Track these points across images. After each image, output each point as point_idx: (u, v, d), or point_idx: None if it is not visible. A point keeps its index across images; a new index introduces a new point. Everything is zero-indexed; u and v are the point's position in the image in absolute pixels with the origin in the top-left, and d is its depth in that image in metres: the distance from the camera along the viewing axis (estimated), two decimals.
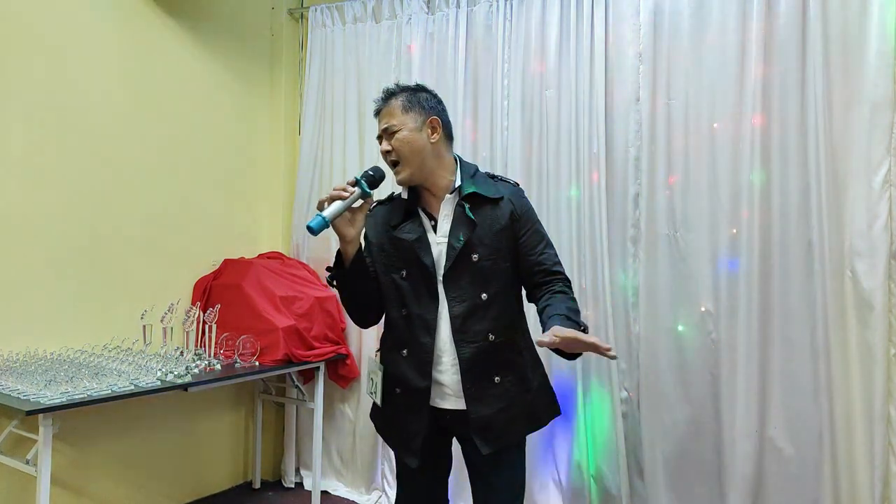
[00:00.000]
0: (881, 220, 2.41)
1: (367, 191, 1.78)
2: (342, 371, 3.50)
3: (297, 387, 3.51)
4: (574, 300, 1.82)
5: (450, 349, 1.81)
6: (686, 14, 2.78)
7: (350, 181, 1.78)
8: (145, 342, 2.90)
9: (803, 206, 2.55)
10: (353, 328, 3.52)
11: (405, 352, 1.86)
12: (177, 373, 2.67)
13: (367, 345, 3.48)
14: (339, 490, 3.57)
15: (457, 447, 1.96)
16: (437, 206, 1.87)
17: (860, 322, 2.44)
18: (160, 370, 2.64)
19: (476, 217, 1.81)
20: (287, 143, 3.88)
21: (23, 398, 2.29)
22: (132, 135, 3.11)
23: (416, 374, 1.83)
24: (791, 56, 2.58)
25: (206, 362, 2.91)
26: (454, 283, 1.81)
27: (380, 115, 1.87)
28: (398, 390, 1.88)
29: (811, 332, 2.52)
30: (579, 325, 1.68)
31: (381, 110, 1.87)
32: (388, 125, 1.83)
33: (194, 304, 3.22)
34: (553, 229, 2.93)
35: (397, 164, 1.83)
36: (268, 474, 3.75)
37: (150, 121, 3.19)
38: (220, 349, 3.07)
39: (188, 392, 2.79)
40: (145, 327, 2.89)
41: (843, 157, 2.48)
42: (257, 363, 3.06)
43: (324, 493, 3.50)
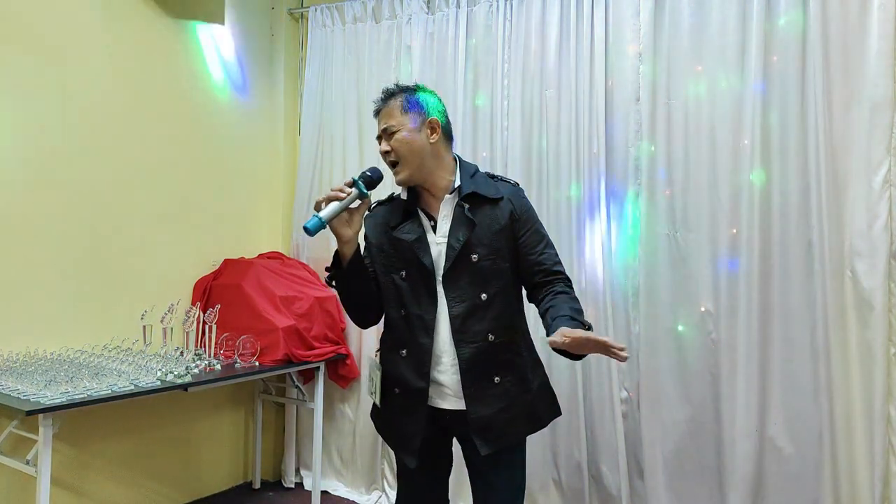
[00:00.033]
0: (881, 220, 2.41)
1: (365, 192, 1.78)
2: (342, 371, 3.50)
3: (297, 387, 3.51)
4: (576, 300, 1.82)
5: (449, 349, 1.81)
6: (686, 14, 2.78)
7: (347, 182, 1.78)
8: (145, 342, 2.90)
9: (803, 206, 2.55)
10: (353, 328, 3.52)
11: (404, 352, 1.86)
12: (177, 373, 2.67)
13: (367, 345, 3.48)
14: (339, 490, 3.57)
15: (457, 447, 1.96)
16: (436, 206, 1.87)
17: (860, 322, 2.44)
18: (160, 370, 2.64)
19: (475, 217, 1.81)
20: (287, 143, 3.88)
21: (23, 398, 2.29)
22: (132, 135, 3.11)
23: (415, 374, 1.83)
24: (791, 56, 2.58)
25: (206, 362, 2.91)
26: (454, 283, 1.81)
27: (379, 115, 1.87)
28: (397, 390, 1.88)
29: (811, 332, 2.52)
30: (583, 324, 1.68)
31: (380, 110, 1.87)
32: (388, 125, 1.83)
33: (194, 304, 3.22)
34: (553, 229, 2.93)
35: (396, 164, 1.83)
36: (268, 474, 3.76)
37: (150, 121, 3.19)
38: (220, 349, 3.06)
39: (188, 392, 2.80)
40: (145, 327, 2.89)
41: (843, 157, 2.48)
42: (257, 363, 3.06)
43: (324, 493, 3.50)
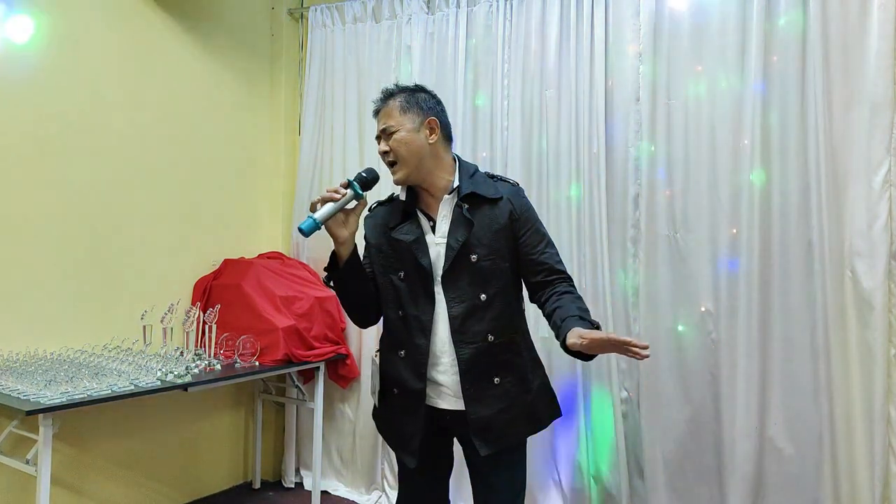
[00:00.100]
0: (881, 220, 2.40)
1: (360, 192, 1.78)
2: (342, 371, 3.50)
3: (297, 387, 3.51)
4: (581, 299, 1.82)
5: (449, 350, 1.81)
6: (686, 14, 2.78)
7: (343, 183, 1.78)
8: (145, 342, 2.90)
9: (803, 206, 2.55)
10: (353, 328, 3.52)
11: (402, 353, 1.86)
12: (177, 373, 2.67)
13: (367, 345, 3.48)
14: (339, 490, 3.57)
15: (458, 447, 1.96)
16: (435, 206, 1.86)
17: (860, 322, 2.43)
18: (160, 370, 2.64)
19: (474, 217, 1.81)
20: (287, 143, 3.88)
21: (23, 398, 2.29)
22: (132, 135, 3.11)
23: (412, 375, 1.83)
24: (791, 56, 2.58)
25: (206, 362, 2.91)
26: (453, 283, 1.80)
27: (378, 115, 1.87)
28: (396, 391, 1.89)
29: (811, 332, 2.52)
30: (592, 324, 1.69)
31: (379, 111, 1.87)
32: (386, 125, 1.83)
33: (194, 304, 3.22)
34: (553, 229, 2.93)
35: (395, 164, 1.83)
36: (268, 474, 3.75)
37: (150, 121, 3.19)
38: (220, 349, 3.06)
39: (188, 392, 2.79)
40: (145, 327, 2.90)
41: (843, 157, 2.47)
42: (257, 363, 3.06)
43: (324, 493, 3.50)
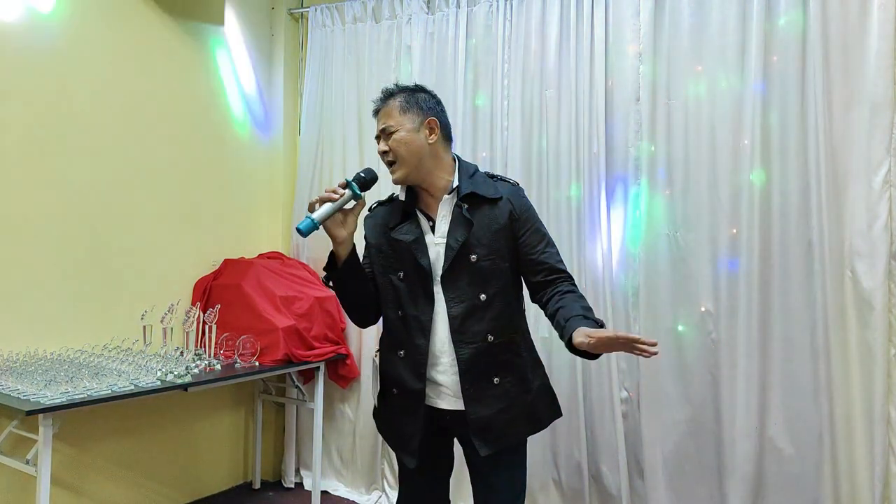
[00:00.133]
0: (881, 220, 2.41)
1: (358, 193, 1.78)
2: (342, 371, 3.50)
3: (297, 387, 3.51)
4: (583, 298, 1.82)
5: (448, 350, 1.81)
6: (686, 14, 2.78)
7: (341, 183, 1.78)
8: (145, 342, 2.90)
9: (803, 206, 2.55)
10: (353, 328, 3.52)
11: (401, 353, 1.86)
12: (177, 373, 2.67)
13: (367, 345, 3.48)
14: (339, 490, 3.57)
15: (458, 448, 1.96)
16: (434, 206, 1.86)
17: (860, 322, 2.44)
18: (160, 370, 2.64)
19: (474, 217, 1.80)
20: (287, 143, 3.88)
21: (23, 398, 2.29)
22: (132, 135, 3.11)
23: (412, 375, 1.83)
24: (791, 56, 2.58)
25: (206, 362, 2.91)
26: (452, 283, 1.80)
27: (378, 115, 1.87)
28: (395, 391, 1.89)
29: (811, 332, 2.52)
30: (596, 322, 1.69)
31: (379, 110, 1.87)
32: (386, 125, 1.83)
33: (194, 304, 3.22)
34: (553, 229, 2.93)
35: (394, 164, 1.83)
36: (268, 474, 3.75)
37: (150, 121, 3.19)
38: (220, 349, 3.06)
39: (188, 392, 2.80)
40: (145, 327, 2.89)
41: (843, 157, 2.48)
42: (257, 363, 3.06)
43: (324, 493, 3.50)
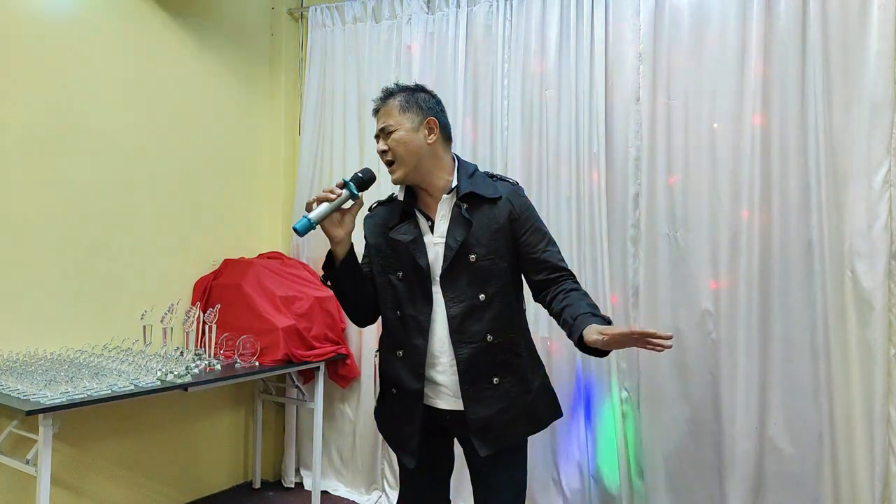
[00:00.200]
0: (881, 220, 2.40)
1: (356, 193, 1.78)
2: (342, 371, 3.50)
3: (297, 387, 3.51)
4: (588, 295, 1.82)
5: (448, 350, 1.81)
6: (686, 14, 2.78)
7: (339, 183, 1.78)
8: (145, 342, 2.90)
9: (803, 206, 2.55)
10: (353, 328, 3.52)
11: (400, 353, 1.86)
12: (177, 373, 2.67)
13: (367, 345, 3.48)
14: (339, 490, 3.57)
15: (458, 447, 1.96)
16: (434, 206, 1.86)
17: (860, 322, 2.43)
18: (160, 370, 2.64)
19: (473, 217, 1.80)
20: (287, 143, 3.88)
21: (23, 398, 2.29)
22: (132, 135, 3.11)
23: (410, 375, 1.83)
24: (791, 56, 2.58)
25: (206, 362, 2.91)
26: (452, 283, 1.80)
27: (378, 114, 1.87)
28: (394, 391, 1.89)
29: (811, 332, 2.52)
30: (604, 319, 1.69)
31: (379, 109, 1.87)
32: (385, 125, 1.83)
33: (194, 304, 3.22)
34: (553, 229, 2.91)
35: (392, 163, 1.83)
36: (268, 474, 3.75)
37: (150, 121, 3.19)
38: (220, 349, 3.06)
39: (188, 392, 2.80)
40: (145, 327, 2.90)
41: (843, 157, 2.47)
42: (257, 363, 3.06)
43: (324, 493, 3.50)
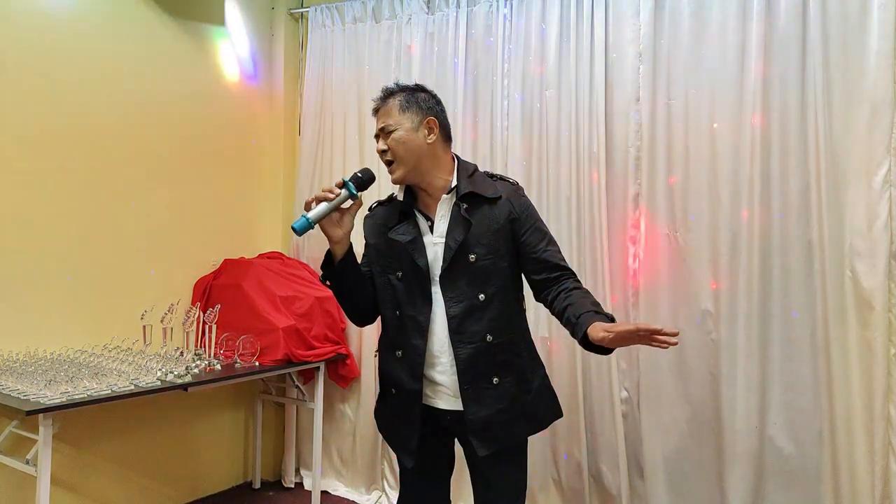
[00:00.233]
0: (881, 220, 2.40)
1: (354, 192, 1.78)
2: (342, 371, 3.50)
3: (297, 387, 3.51)
4: (590, 293, 1.82)
5: (448, 350, 1.81)
6: (686, 14, 2.78)
7: (338, 182, 1.78)
8: (145, 342, 2.90)
9: (803, 206, 2.55)
10: (353, 328, 3.52)
11: (399, 353, 1.86)
12: (177, 373, 2.67)
13: (367, 345, 3.48)
14: (339, 490, 3.57)
15: (459, 448, 1.96)
16: (433, 206, 1.86)
17: (860, 322, 2.43)
18: (160, 370, 2.64)
19: (473, 217, 1.80)
20: (287, 143, 3.88)
21: (23, 398, 2.29)
22: (132, 135, 3.11)
23: (409, 375, 1.83)
24: (791, 56, 2.58)
25: (206, 362, 2.91)
26: (451, 283, 1.80)
27: (377, 113, 1.87)
28: (394, 391, 1.89)
29: (811, 332, 2.52)
30: (608, 317, 1.69)
31: (378, 109, 1.87)
32: (385, 124, 1.83)
33: (194, 304, 3.22)
34: (553, 229, 2.88)
35: (392, 163, 1.83)
36: (268, 474, 3.75)
37: (150, 121, 3.19)
38: (220, 349, 3.06)
39: (188, 392, 2.80)
40: (145, 327, 2.89)
41: (843, 157, 2.47)
42: (257, 363, 3.06)
43: (324, 493, 3.50)
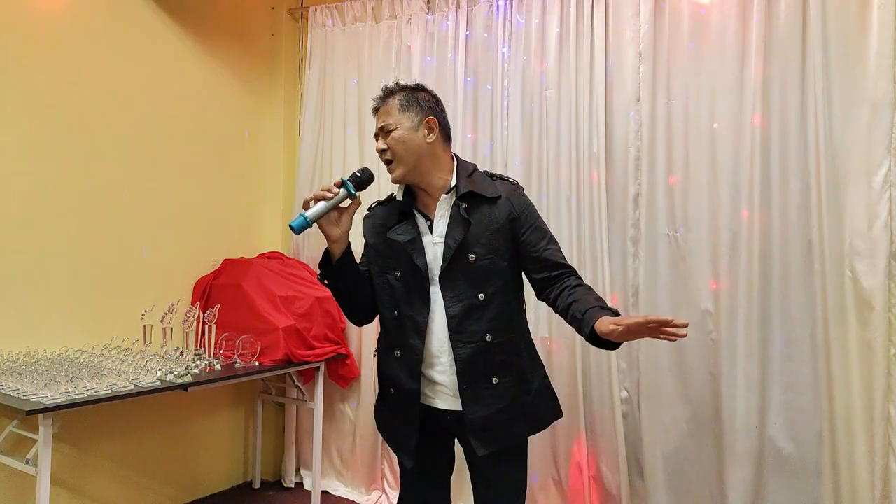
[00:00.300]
0: (881, 220, 2.40)
1: (353, 192, 1.78)
2: (342, 371, 3.50)
3: (297, 387, 3.51)
4: (593, 290, 1.82)
5: (447, 350, 1.81)
6: (686, 14, 2.78)
7: (336, 182, 1.78)
8: (145, 342, 2.90)
9: (803, 206, 2.55)
10: (353, 328, 3.52)
11: (398, 353, 1.86)
12: (177, 373, 2.67)
13: (367, 345, 3.48)
14: (339, 490, 3.57)
15: (459, 448, 1.96)
16: (433, 206, 1.86)
17: (860, 322, 2.43)
18: (160, 370, 2.64)
19: (473, 217, 1.80)
20: (287, 143, 3.88)
21: (23, 398, 2.29)
22: (131, 135, 3.11)
23: (407, 375, 1.84)
24: (791, 56, 2.58)
25: (206, 362, 2.91)
26: (451, 283, 1.80)
27: (377, 113, 1.87)
28: (392, 391, 1.89)
29: (811, 332, 2.52)
30: (613, 312, 1.70)
31: (378, 108, 1.87)
32: (385, 123, 1.83)
33: (194, 304, 3.22)
34: (553, 229, 2.87)
35: (391, 162, 1.83)
36: (268, 474, 3.75)
37: (150, 121, 3.19)
38: (220, 349, 3.06)
39: (188, 392, 2.79)
40: (145, 327, 2.90)
41: (843, 157, 2.47)
42: (257, 363, 3.06)
43: (324, 493, 3.50)
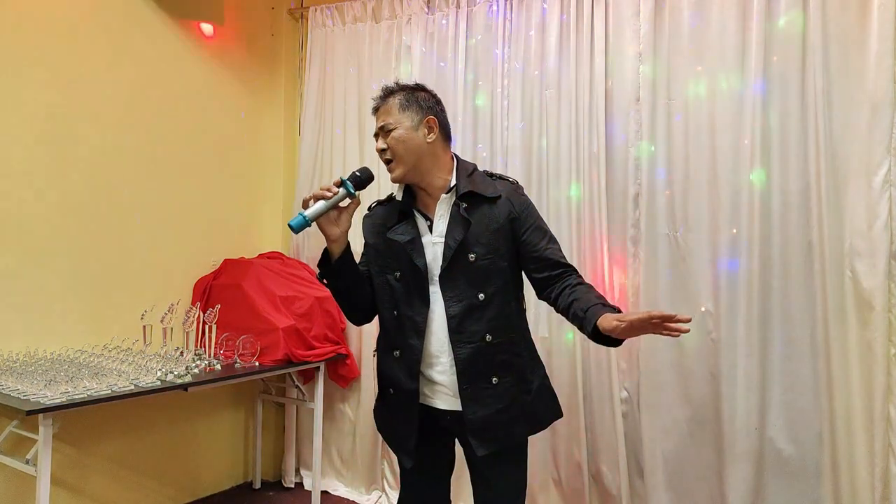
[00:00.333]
0: (881, 220, 2.40)
1: (352, 191, 1.78)
2: (342, 371, 3.50)
3: (297, 387, 3.51)
4: (594, 287, 1.82)
5: (447, 350, 1.81)
6: (686, 14, 2.78)
7: (336, 181, 1.78)
8: (145, 342, 2.90)
9: (803, 206, 2.55)
10: (353, 328, 3.52)
11: (397, 353, 1.86)
12: (177, 373, 2.67)
13: (367, 345, 3.48)
14: (339, 490, 3.57)
15: (459, 448, 1.96)
16: (433, 206, 1.86)
17: (860, 322, 2.43)
18: (160, 370, 2.64)
19: (472, 216, 1.80)
20: (287, 143, 3.88)
21: (23, 398, 2.29)
22: (132, 135, 3.11)
23: (406, 375, 1.84)
24: (791, 56, 2.58)
25: (206, 362, 2.91)
26: (451, 283, 1.80)
27: (377, 112, 1.87)
28: (391, 391, 1.89)
29: (811, 332, 2.52)
30: (615, 309, 1.70)
31: (378, 108, 1.87)
32: (384, 123, 1.83)
33: (194, 304, 3.22)
34: (553, 229, 2.87)
35: (391, 161, 1.83)
36: (268, 474, 3.75)
37: (150, 121, 3.19)
38: (220, 349, 3.06)
39: (188, 392, 2.79)
40: (145, 327, 2.90)
41: (843, 157, 2.47)
42: (257, 363, 3.06)
43: (324, 493, 3.50)
